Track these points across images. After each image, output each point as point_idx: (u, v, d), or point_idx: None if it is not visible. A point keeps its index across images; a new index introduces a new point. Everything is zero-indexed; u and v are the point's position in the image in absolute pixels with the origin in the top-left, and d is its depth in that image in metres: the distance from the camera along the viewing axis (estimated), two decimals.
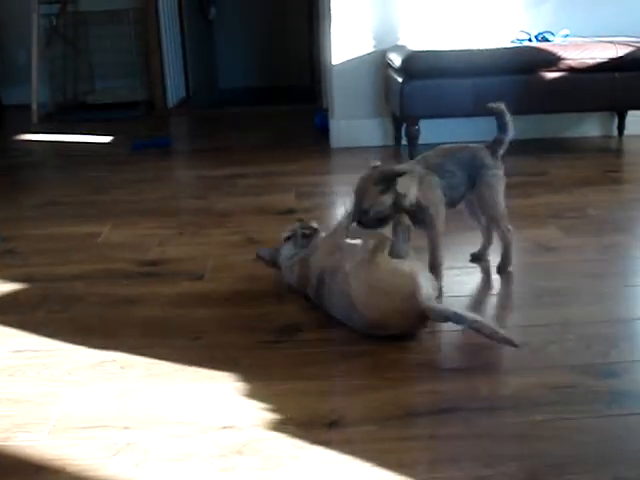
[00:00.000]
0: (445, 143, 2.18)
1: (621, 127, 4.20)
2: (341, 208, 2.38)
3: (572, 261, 2.32)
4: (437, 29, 4.10)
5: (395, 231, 1.84)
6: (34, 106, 5.59)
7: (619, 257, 2.37)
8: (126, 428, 1.49)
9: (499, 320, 1.96)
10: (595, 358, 1.71)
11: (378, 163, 2.02)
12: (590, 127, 4.26)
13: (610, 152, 3.95)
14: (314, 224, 2.16)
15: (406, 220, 1.87)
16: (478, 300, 2.11)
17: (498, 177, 2.14)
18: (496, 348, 1.75)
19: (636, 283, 2.20)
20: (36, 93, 5.61)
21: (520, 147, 3.76)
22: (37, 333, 1.94)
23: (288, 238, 2.14)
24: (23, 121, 5.59)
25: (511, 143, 2.15)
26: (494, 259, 2.26)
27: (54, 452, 1.42)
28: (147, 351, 1.81)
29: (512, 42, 3.87)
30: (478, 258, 2.32)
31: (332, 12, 4.06)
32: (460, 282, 2.17)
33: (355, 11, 4.06)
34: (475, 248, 2.32)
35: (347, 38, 4.09)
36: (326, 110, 4.59)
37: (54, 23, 5.98)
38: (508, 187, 2.13)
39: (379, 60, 4.11)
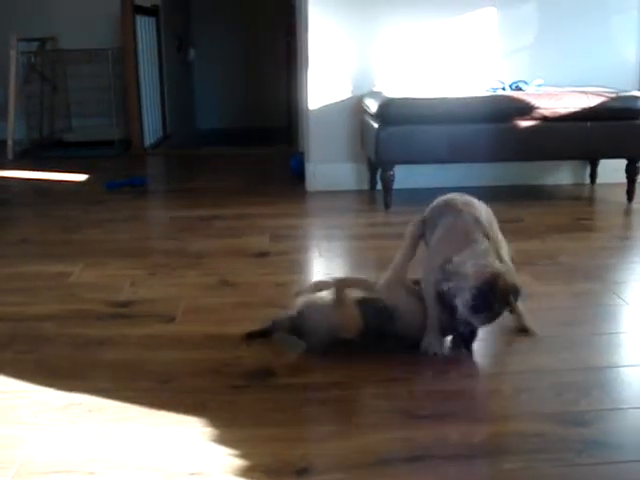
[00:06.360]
0: (420, 189, 2.17)
1: (593, 175, 4.26)
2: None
3: (543, 308, 2.34)
4: (413, 76, 4.15)
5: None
6: (10, 142, 5.57)
7: (590, 305, 2.39)
8: (91, 473, 1.47)
9: (472, 367, 1.96)
10: (566, 406, 1.71)
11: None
12: (563, 175, 4.32)
13: (582, 200, 4.00)
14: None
15: None
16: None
17: None
18: (468, 395, 1.75)
19: (606, 331, 2.21)
20: (12, 129, 5.59)
21: (494, 194, 3.80)
22: (4, 373, 1.91)
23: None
24: None
25: (485, 190, 2.16)
26: None
27: None
28: (115, 394, 1.79)
29: (487, 91, 3.93)
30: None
31: (309, 57, 4.10)
32: None
33: (332, 57, 4.11)
34: None
35: (324, 83, 4.13)
36: (302, 153, 4.62)
37: (32, 60, 5.98)
38: None
39: (355, 105, 4.14)
